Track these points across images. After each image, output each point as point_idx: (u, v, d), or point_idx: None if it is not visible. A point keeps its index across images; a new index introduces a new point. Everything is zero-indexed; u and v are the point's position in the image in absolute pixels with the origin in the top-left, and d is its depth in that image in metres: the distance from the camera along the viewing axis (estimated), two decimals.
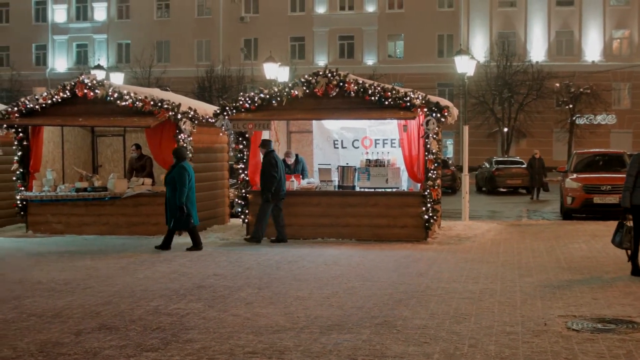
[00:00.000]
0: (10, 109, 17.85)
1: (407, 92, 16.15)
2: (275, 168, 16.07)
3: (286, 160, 17.95)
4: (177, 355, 7.46)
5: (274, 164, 16.09)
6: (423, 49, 57.99)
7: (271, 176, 16.07)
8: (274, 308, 9.59)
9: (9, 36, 63.04)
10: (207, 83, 56.97)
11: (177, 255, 14.53)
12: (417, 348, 7.65)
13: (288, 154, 18.18)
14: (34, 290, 11.00)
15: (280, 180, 16.25)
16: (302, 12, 59.85)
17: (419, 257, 14.13)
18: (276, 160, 16.21)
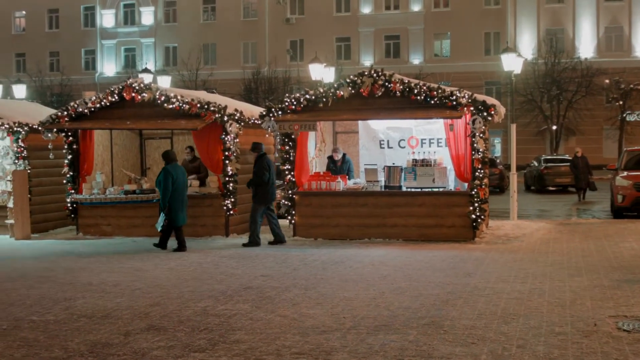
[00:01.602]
0: (60, 113, 18.13)
1: (453, 91, 16.05)
2: (266, 173, 16.11)
3: (333, 157, 18.00)
4: (225, 356, 7.50)
5: (266, 167, 16.14)
6: (469, 47, 57.58)
7: (260, 180, 16.09)
8: (320, 309, 9.59)
9: (59, 42, 64.04)
10: (254, 85, 57.23)
11: (225, 256, 14.62)
12: (465, 349, 7.59)
13: (335, 150, 18.20)
14: (85, 291, 11.15)
15: (271, 184, 16.28)
16: (347, 12, 59.82)
17: (466, 257, 14.04)
18: (268, 164, 16.26)
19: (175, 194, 15.51)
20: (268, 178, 16.12)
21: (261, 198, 16.25)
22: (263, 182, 16.11)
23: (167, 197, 15.42)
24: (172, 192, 15.44)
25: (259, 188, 16.21)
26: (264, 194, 16.23)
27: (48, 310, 9.83)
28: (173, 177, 15.46)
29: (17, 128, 18.37)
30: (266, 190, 16.21)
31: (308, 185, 17.21)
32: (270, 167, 16.25)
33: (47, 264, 14.16)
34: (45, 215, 19.41)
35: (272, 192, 16.39)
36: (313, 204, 17.15)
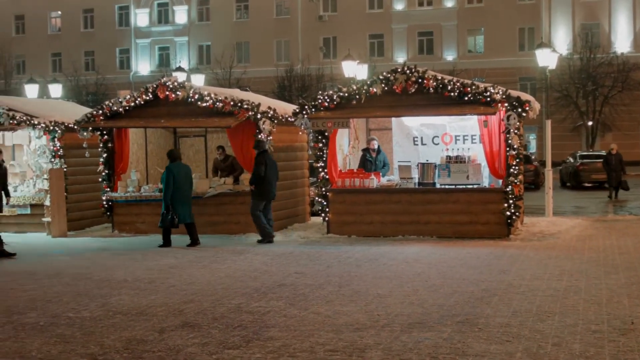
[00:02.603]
0: (95, 112, 18.29)
1: (487, 87, 15.96)
2: (262, 167, 16.19)
3: (370, 146, 18.00)
4: (259, 353, 7.52)
5: (262, 163, 16.22)
6: (504, 43, 57.16)
7: (257, 175, 16.23)
8: (354, 306, 9.59)
9: (94, 41, 64.61)
10: (287, 82, 57.33)
11: (259, 254, 14.66)
12: (499, 347, 7.54)
13: (371, 140, 18.18)
14: (120, 288, 11.25)
15: (269, 181, 16.36)
16: (380, 9, 59.67)
17: (501, 254, 13.95)
18: (266, 162, 16.29)
19: (178, 192, 15.89)
20: (265, 173, 16.18)
21: (259, 194, 16.40)
22: (259, 177, 16.20)
23: (168, 194, 15.84)
24: (175, 190, 15.82)
25: (257, 184, 16.33)
26: (262, 190, 16.36)
27: (84, 307, 9.93)
28: (175, 176, 15.85)
29: (54, 127, 18.57)
30: (264, 187, 16.33)
31: (342, 183, 17.20)
32: (267, 163, 16.30)
33: (83, 261, 14.31)
34: (81, 213, 19.60)
35: (269, 189, 16.47)
36: (347, 201, 17.15)
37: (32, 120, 18.46)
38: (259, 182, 16.26)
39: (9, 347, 8.00)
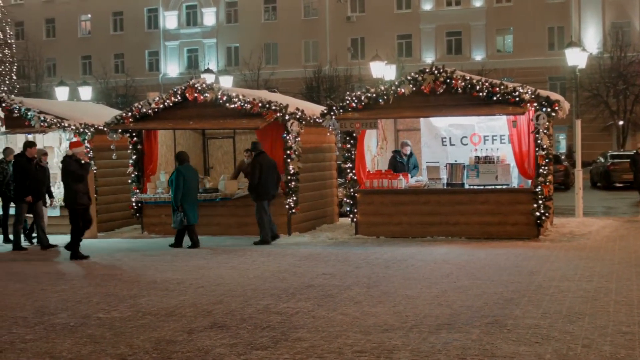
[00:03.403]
0: (125, 114, 18.43)
1: (516, 87, 15.87)
2: (257, 173, 16.36)
3: (402, 152, 18.00)
4: (287, 354, 7.54)
5: (257, 168, 16.40)
6: (533, 43, 56.76)
7: (252, 178, 16.50)
8: (382, 307, 9.57)
9: (124, 43, 65.06)
10: (315, 83, 57.35)
11: (287, 255, 14.68)
12: (529, 348, 7.49)
13: (404, 145, 18.19)
14: (149, 289, 11.32)
15: (264, 181, 16.46)
16: (408, 9, 59.51)
17: (530, 255, 13.86)
18: (261, 164, 16.39)
19: (187, 194, 16.07)
20: (259, 176, 16.37)
21: (257, 196, 16.58)
22: (255, 180, 16.45)
23: (178, 196, 16.03)
24: (186, 191, 16.03)
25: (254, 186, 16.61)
26: (258, 192, 16.52)
27: (114, 307, 10.01)
28: (185, 178, 16.03)
29: (84, 129, 18.72)
30: (260, 188, 16.49)
31: (370, 184, 17.19)
32: (263, 166, 16.42)
33: (112, 262, 14.42)
34: (111, 214, 19.75)
35: (266, 190, 16.58)
36: (375, 202, 17.13)
37: (62, 123, 18.63)
38: (255, 185, 16.53)
39: (40, 347, 8.08)
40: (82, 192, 15.06)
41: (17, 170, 16.47)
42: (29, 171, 16.41)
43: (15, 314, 9.80)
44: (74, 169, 14.94)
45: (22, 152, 16.69)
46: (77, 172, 14.94)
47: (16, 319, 9.49)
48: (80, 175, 14.98)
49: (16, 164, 16.60)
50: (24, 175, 16.36)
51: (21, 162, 16.47)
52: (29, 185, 16.37)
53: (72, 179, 14.93)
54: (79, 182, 15.00)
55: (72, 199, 15.03)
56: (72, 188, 14.99)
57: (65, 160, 15.26)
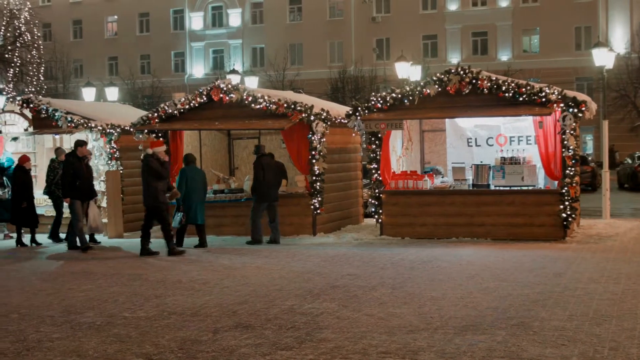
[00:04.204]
0: (151, 114, 18.53)
1: (542, 87, 15.78)
2: (261, 173, 16.51)
3: None
4: (311, 354, 7.54)
5: (259, 169, 16.57)
6: (559, 43, 56.36)
7: (255, 180, 16.69)
8: (407, 308, 9.55)
9: (150, 45, 65.40)
10: (340, 84, 57.30)
11: (312, 255, 14.69)
12: (555, 350, 7.44)
13: None
14: (175, 289, 11.37)
15: (267, 184, 16.59)
16: (433, 10, 59.31)
17: (556, 256, 13.77)
18: (263, 166, 16.51)
19: (190, 194, 16.19)
20: (262, 177, 16.50)
21: (258, 197, 16.73)
22: (257, 182, 16.60)
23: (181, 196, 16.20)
24: (188, 191, 16.13)
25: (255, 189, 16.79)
26: (260, 193, 16.66)
27: (140, 307, 10.06)
28: (188, 178, 16.20)
29: (110, 130, 18.86)
30: (261, 190, 16.62)
31: (395, 184, 17.16)
32: (264, 167, 16.52)
33: (138, 262, 14.50)
34: (137, 214, 19.78)
35: (267, 192, 16.67)
36: (400, 203, 17.10)
37: (89, 123, 18.79)
38: (257, 187, 16.67)
39: (67, 346, 8.14)
40: (162, 190, 15.42)
41: (68, 170, 16.35)
42: (80, 170, 16.30)
43: (43, 312, 9.88)
44: (155, 167, 15.27)
45: (73, 151, 16.56)
46: (159, 171, 15.29)
47: (43, 317, 9.57)
48: (162, 174, 15.35)
49: (67, 163, 16.50)
50: (75, 174, 16.24)
51: (72, 162, 16.34)
52: (79, 185, 16.27)
53: (154, 177, 15.26)
54: (160, 181, 15.35)
55: (153, 197, 15.34)
56: (153, 186, 15.31)
57: (146, 159, 15.50)
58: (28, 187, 17.81)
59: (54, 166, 17.92)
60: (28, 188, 17.80)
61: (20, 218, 17.83)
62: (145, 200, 15.52)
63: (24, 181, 17.71)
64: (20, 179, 17.67)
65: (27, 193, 17.76)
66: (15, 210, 17.82)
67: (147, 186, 15.36)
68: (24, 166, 17.81)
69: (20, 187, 17.65)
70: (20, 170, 17.77)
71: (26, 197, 17.70)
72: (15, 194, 17.74)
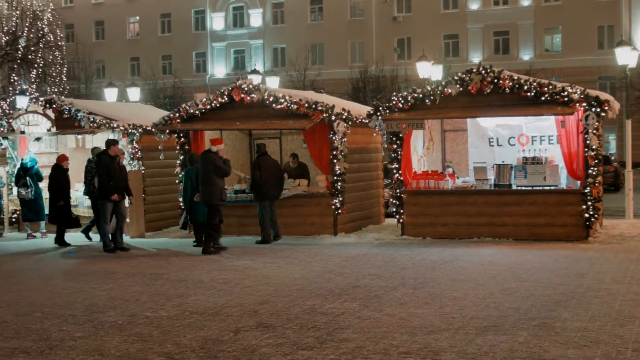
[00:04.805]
0: (172, 114, 18.60)
1: (564, 86, 15.69)
2: (257, 173, 16.61)
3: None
4: (332, 354, 7.54)
5: (256, 168, 16.72)
6: (582, 42, 56.01)
7: (252, 179, 16.92)
8: (428, 308, 9.53)
9: (171, 45, 65.64)
10: (361, 84, 57.25)
11: (333, 255, 14.69)
12: (577, 351, 7.40)
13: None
14: (196, 288, 11.41)
15: (265, 183, 16.67)
16: (455, 9, 59.12)
17: (579, 257, 13.68)
18: (260, 165, 16.57)
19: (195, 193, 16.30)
20: (259, 176, 16.59)
21: (258, 196, 16.92)
22: (254, 181, 16.80)
23: (186, 197, 16.59)
24: (193, 192, 16.31)
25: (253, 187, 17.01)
26: (259, 192, 16.81)
27: (161, 306, 10.10)
28: (192, 179, 16.40)
29: (132, 130, 18.94)
30: (260, 189, 16.76)
31: (416, 184, 17.13)
32: (262, 167, 16.56)
33: (160, 261, 14.56)
34: (159, 214, 19.94)
35: (266, 190, 16.76)
36: (421, 203, 17.06)
37: (111, 123, 18.89)
38: (255, 185, 16.86)
39: (89, 344, 8.19)
40: (223, 187, 15.67)
41: (101, 169, 16.15)
42: (113, 170, 16.13)
43: (65, 311, 9.95)
44: (219, 164, 15.44)
45: (105, 150, 16.35)
46: (222, 168, 15.46)
47: (66, 316, 9.64)
48: (225, 171, 15.53)
49: (100, 163, 16.26)
50: (108, 173, 16.05)
51: (105, 161, 16.13)
52: (113, 185, 16.08)
53: (218, 174, 15.44)
54: (222, 177, 15.57)
55: (217, 195, 15.52)
56: (216, 184, 15.48)
57: (209, 156, 15.60)
58: (65, 186, 17.79)
59: (91, 166, 17.92)
60: (65, 187, 17.78)
61: (57, 217, 17.77)
62: (209, 198, 15.58)
63: (61, 180, 17.67)
64: (57, 178, 17.65)
65: (64, 192, 17.75)
66: (52, 209, 17.78)
67: (210, 183, 15.48)
68: (62, 165, 17.79)
69: (58, 186, 17.61)
70: (57, 169, 17.76)
71: (63, 196, 17.71)
72: (53, 193, 17.69)
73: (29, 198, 19.02)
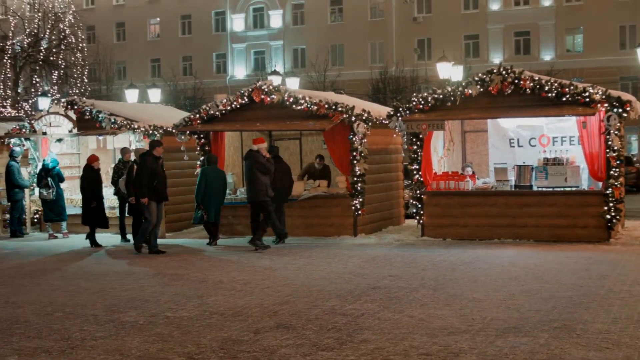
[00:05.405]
0: (193, 116, 18.65)
1: (586, 87, 15.60)
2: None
3: None
4: (352, 355, 7.54)
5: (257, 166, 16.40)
6: (603, 42, 55.65)
7: None
8: (449, 310, 9.51)
9: (192, 46, 65.83)
10: (381, 85, 57.15)
11: (353, 256, 14.68)
12: (598, 353, 7.35)
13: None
14: (216, 289, 11.44)
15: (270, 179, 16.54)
16: (475, 9, 58.92)
17: (600, 258, 13.60)
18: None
19: (209, 193, 16.75)
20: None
21: None
22: None
23: (199, 194, 16.80)
24: (208, 191, 16.72)
25: None
26: None
27: (181, 306, 10.14)
28: (207, 178, 16.80)
29: (153, 131, 19.01)
30: None
31: (436, 185, 17.09)
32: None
33: (180, 262, 14.60)
34: (180, 214, 19.98)
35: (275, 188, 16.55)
36: (441, 204, 17.01)
37: (132, 125, 18.97)
38: None
39: (110, 344, 8.23)
40: (268, 185, 16.01)
41: (145, 169, 15.80)
42: (157, 171, 15.89)
43: (86, 311, 10.01)
44: (263, 162, 15.86)
45: (149, 151, 16.13)
46: (265, 165, 15.87)
47: (87, 316, 9.69)
48: (268, 168, 15.93)
49: (143, 163, 15.93)
50: (152, 174, 15.76)
51: (149, 162, 15.86)
52: (156, 186, 15.82)
53: (262, 172, 15.86)
54: (266, 175, 15.92)
55: (262, 191, 15.94)
56: (261, 181, 15.87)
57: (254, 155, 16.02)
58: (97, 186, 17.68)
59: (119, 167, 17.93)
60: (97, 188, 17.67)
61: (90, 218, 17.63)
62: (254, 195, 15.98)
63: (92, 181, 17.57)
64: (88, 179, 17.54)
65: (96, 193, 17.67)
66: (85, 210, 17.67)
67: (255, 181, 15.86)
68: (93, 166, 17.70)
69: (89, 187, 17.50)
70: (88, 169, 17.72)
71: (95, 196, 17.65)
72: (85, 194, 17.61)
73: (51, 199, 19.11)
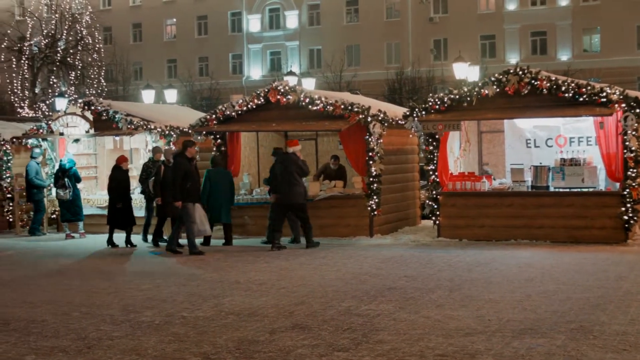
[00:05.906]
0: (209, 116, 18.70)
1: (603, 87, 15.52)
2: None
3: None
4: (368, 356, 7.53)
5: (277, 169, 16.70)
6: (621, 42, 55.35)
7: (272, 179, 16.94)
8: (465, 311, 9.48)
9: (208, 47, 65.98)
10: (397, 85, 57.05)
11: (369, 257, 14.67)
12: (616, 355, 7.31)
13: None
14: (232, 289, 11.45)
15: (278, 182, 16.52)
16: (492, 9, 58.79)
17: (618, 259, 13.52)
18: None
19: (215, 194, 16.86)
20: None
21: None
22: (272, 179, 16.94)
23: (204, 196, 16.74)
24: (212, 192, 16.83)
25: None
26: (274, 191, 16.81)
27: (198, 307, 10.16)
28: (211, 180, 16.89)
29: (169, 131, 19.07)
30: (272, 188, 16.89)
31: (452, 186, 17.05)
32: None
33: (195, 262, 14.63)
34: None
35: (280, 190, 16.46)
36: (457, 205, 16.97)
37: (148, 125, 19.04)
38: None
39: (126, 344, 8.26)
40: (305, 187, 16.40)
41: (179, 171, 15.60)
42: (191, 172, 15.75)
43: (103, 311, 10.05)
44: (300, 164, 16.06)
45: (182, 152, 15.95)
46: (303, 167, 16.11)
47: (103, 316, 9.73)
48: (305, 171, 16.21)
49: (177, 165, 15.75)
50: (186, 175, 15.60)
51: (182, 163, 15.69)
52: (190, 187, 15.64)
53: (299, 174, 16.05)
54: (303, 177, 16.21)
55: (302, 194, 16.23)
56: (300, 183, 16.13)
57: (289, 158, 16.25)
58: (125, 187, 17.56)
59: (148, 165, 17.92)
60: (125, 188, 17.55)
61: (114, 219, 17.55)
62: (293, 197, 16.09)
63: (121, 181, 17.49)
64: (117, 179, 17.45)
65: (124, 193, 17.59)
66: (110, 210, 17.59)
67: (295, 184, 16.05)
68: (121, 166, 17.63)
69: (117, 187, 17.42)
70: (117, 170, 17.61)
71: (122, 197, 17.56)
72: (112, 194, 17.51)
73: (67, 199, 19.20)
